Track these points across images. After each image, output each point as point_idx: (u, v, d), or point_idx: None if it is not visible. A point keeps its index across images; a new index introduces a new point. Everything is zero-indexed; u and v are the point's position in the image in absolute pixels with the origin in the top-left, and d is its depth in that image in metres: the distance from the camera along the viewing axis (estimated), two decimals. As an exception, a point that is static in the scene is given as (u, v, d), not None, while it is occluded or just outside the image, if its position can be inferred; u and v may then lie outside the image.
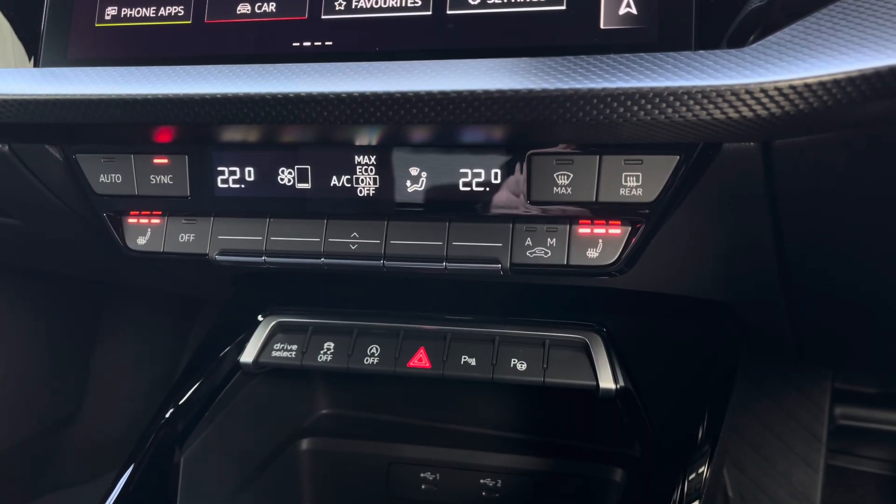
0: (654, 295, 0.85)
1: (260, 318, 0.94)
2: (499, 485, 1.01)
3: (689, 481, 0.75)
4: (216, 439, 0.92)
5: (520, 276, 0.73)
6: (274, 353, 0.92)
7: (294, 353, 0.92)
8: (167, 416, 0.88)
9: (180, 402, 0.89)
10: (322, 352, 0.91)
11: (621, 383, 0.83)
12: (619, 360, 0.84)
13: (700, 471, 0.76)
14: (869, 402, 1.72)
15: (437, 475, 1.03)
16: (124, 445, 0.92)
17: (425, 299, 0.93)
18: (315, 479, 1.06)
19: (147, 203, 0.78)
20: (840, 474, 1.69)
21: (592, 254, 0.68)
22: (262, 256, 0.76)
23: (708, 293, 0.84)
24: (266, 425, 1.03)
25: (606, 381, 0.83)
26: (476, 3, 0.66)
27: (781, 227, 0.69)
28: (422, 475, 1.03)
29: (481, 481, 1.02)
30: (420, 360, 0.88)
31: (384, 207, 0.72)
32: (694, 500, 0.74)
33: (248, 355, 0.93)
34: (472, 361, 0.87)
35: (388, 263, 0.73)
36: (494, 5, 0.65)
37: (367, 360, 0.89)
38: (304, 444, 1.06)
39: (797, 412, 1.68)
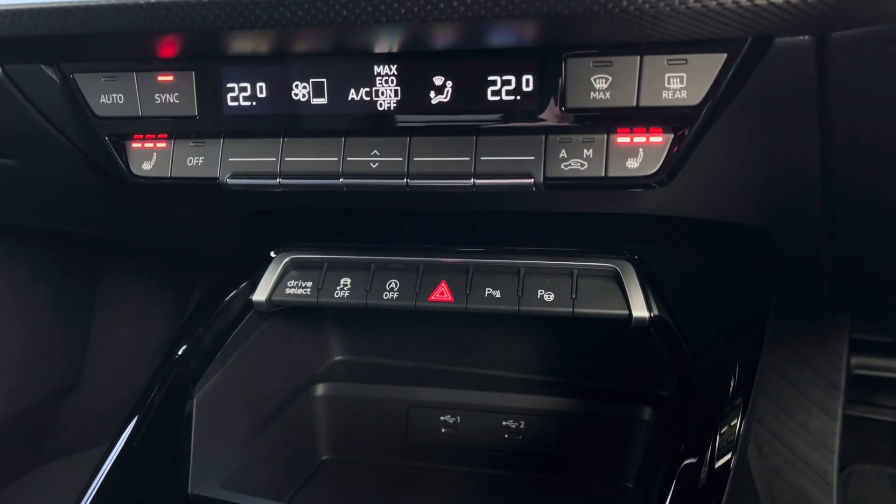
0: (687, 222, 0.81)
1: (272, 254, 0.90)
2: (522, 426, 0.98)
3: (720, 434, 0.71)
4: (229, 382, 0.89)
5: (553, 192, 0.69)
6: (288, 291, 0.88)
7: (309, 290, 0.88)
8: (179, 353, 0.84)
9: (192, 341, 0.85)
10: (338, 288, 0.87)
11: (655, 312, 0.79)
12: (653, 288, 0.80)
13: (733, 423, 0.72)
14: (886, 352, 1.69)
15: (458, 418, 1.00)
16: (126, 414, 0.88)
17: (444, 233, 0.89)
18: (331, 425, 1.03)
19: (152, 125, 0.73)
20: (857, 423, 1.67)
21: (632, 164, 0.64)
22: (276, 179, 0.71)
23: (746, 217, 0.80)
24: (280, 370, 0.99)
25: (640, 310, 0.79)
26: None
27: (829, 139, 0.65)
28: (441, 418, 1.00)
29: (503, 423, 0.98)
30: (442, 294, 0.84)
31: (406, 122, 0.68)
32: (726, 454, 0.70)
33: (260, 293, 0.89)
34: (497, 294, 0.83)
35: (411, 182, 0.69)
36: None
37: (385, 296, 0.85)
38: (320, 389, 1.03)
39: (815, 361, 1.65)
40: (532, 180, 0.66)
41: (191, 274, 1.94)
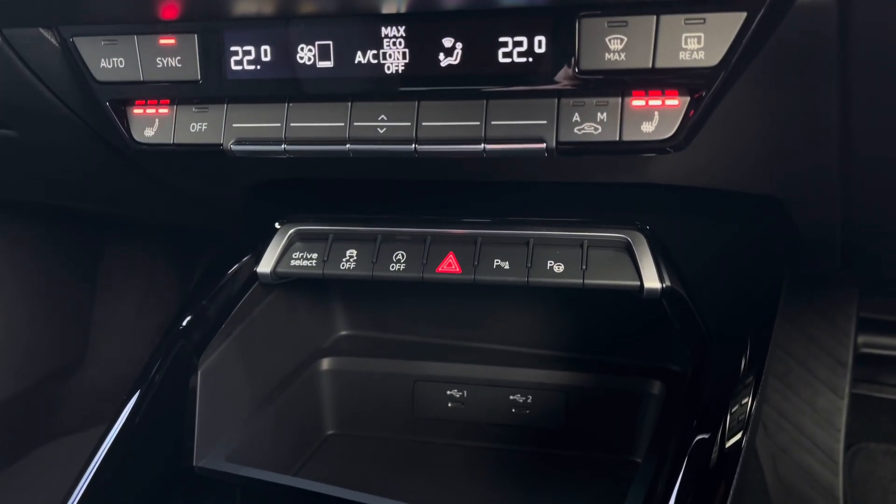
0: (700, 192, 0.80)
1: (277, 225, 0.89)
2: (529, 401, 0.97)
3: (731, 414, 0.70)
4: (234, 355, 0.88)
5: (565, 160, 0.67)
6: (293, 263, 0.87)
7: (314, 261, 0.86)
8: (183, 324, 0.83)
9: (197, 312, 0.84)
10: (344, 260, 0.85)
11: (667, 283, 0.77)
12: (665, 259, 0.79)
13: (744, 401, 0.71)
14: (894, 330, 1.68)
15: (465, 392, 0.99)
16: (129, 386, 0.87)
17: (452, 204, 0.88)
18: (336, 399, 1.02)
19: (154, 90, 0.71)
20: (863, 402, 1.66)
21: (648, 128, 0.62)
22: (281, 145, 0.70)
23: (761, 186, 0.78)
24: (285, 344, 0.98)
25: (651, 282, 0.78)
26: None
27: (850, 101, 0.63)
28: (448, 393, 0.99)
29: (511, 398, 0.97)
30: (449, 266, 0.83)
31: (415, 85, 0.66)
32: (737, 433, 0.69)
33: (265, 265, 0.87)
34: (506, 265, 0.81)
35: (420, 148, 0.67)
36: None
37: (392, 267, 0.84)
38: (325, 363, 1.02)
39: (822, 339, 1.64)
40: (544, 145, 0.64)
41: (195, 253, 1.92)
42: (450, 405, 0.99)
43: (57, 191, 1.24)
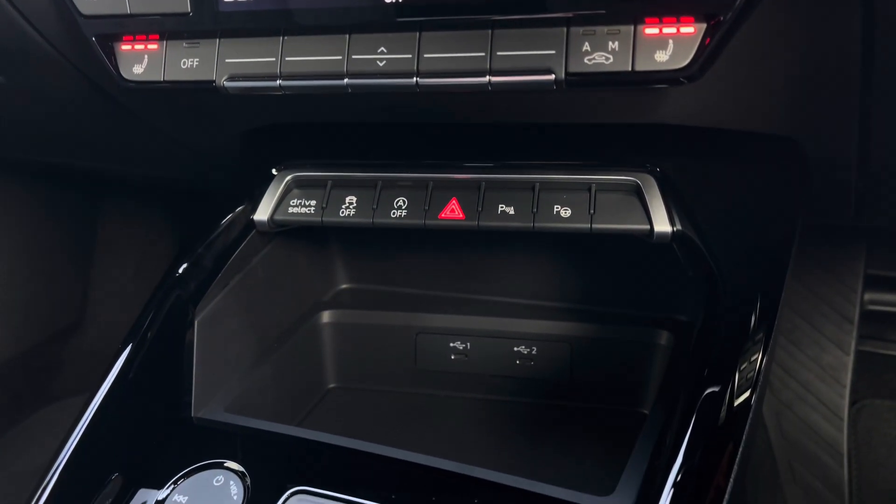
0: (714, 133, 0.77)
1: (274, 172, 0.86)
2: (534, 352, 0.95)
3: (740, 371, 0.68)
4: (232, 305, 0.85)
5: (572, 98, 0.64)
6: (291, 210, 0.84)
7: (313, 208, 0.83)
8: (179, 272, 0.81)
9: (192, 260, 0.81)
10: (344, 206, 0.83)
11: (678, 227, 0.75)
12: (676, 202, 0.76)
13: (753, 358, 0.69)
14: (901, 287, 1.66)
15: (468, 344, 0.97)
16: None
17: (455, 148, 0.85)
18: (338, 352, 1.00)
19: (141, 24, 0.68)
20: (869, 358, 1.65)
21: (661, 57, 0.59)
22: (276, 80, 0.66)
23: (777, 126, 0.75)
24: (284, 296, 0.96)
25: (662, 225, 0.75)
26: None
27: (872, 29, 0.60)
28: (451, 345, 0.97)
29: (515, 349, 0.95)
30: (452, 212, 0.80)
31: (416, 15, 0.62)
32: (746, 390, 0.67)
33: (262, 213, 0.85)
34: (510, 210, 0.79)
35: (421, 81, 0.64)
36: None
37: (393, 214, 0.81)
38: (325, 316, 0.99)
39: (828, 295, 1.62)
40: (552, 76, 0.61)
41: (191, 212, 1.90)
42: (453, 357, 0.97)
43: (48, 145, 1.20)
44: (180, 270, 0.81)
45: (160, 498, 0.69)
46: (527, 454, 0.87)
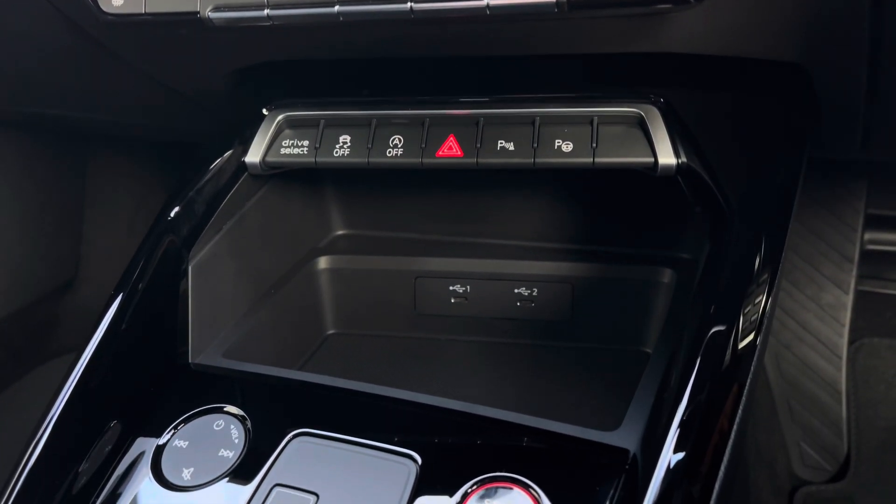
0: (719, 61, 0.74)
1: (265, 112, 0.83)
2: (535, 294, 0.93)
3: (745, 314, 0.66)
4: (226, 250, 0.83)
5: (573, 27, 0.61)
6: (283, 151, 0.82)
7: (306, 149, 0.81)
8: (171, 216, 0.78)
9: (184, 204, 0.79)
10: (338, 146, 0.80)
11: (683, 159, 0.73)
12: (681, 133, 0.73)
13: (758, 300, 0.67)
14: (900, 225, 1.65)
15: (467, 287, 0.95)
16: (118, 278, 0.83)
17: (452, 83, 0.82)
18: (336, 298, 0.98)
19: (119, -48, 0.64)
20: (867, 298, 1.65)
21: (668, -27, 0.56)
22: (264, 10, 0.63)
23: (784, 52, 0.72)
24: (279, 242, 0.94)
25: (666, 157, 0.73)
26: None
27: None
28: (451, 288, 0.95)
29: (515, 291, 0.94)
30: (450, 149, 0.78)
31: (409, -65, 0.59)
32: (749, 334, 0.65)
33: (253, 154, 0.82)
34: (510, 146, 0.76)
35: (416, 6, 0.61)
36: None
37: (389, 153, 0.79)
38: (322, 262, 0.98)
39: (828, 235, 1.61)
40: (554, -2, 0.58)
41: (183, 168, 1.86)
42: (452, 301, 0.96)
43: (27, 94, 1.17)
44: (172, 214, 0.78)
45: (160, 443, 0.68)
46: (529, 394, 0.87)
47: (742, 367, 0.64)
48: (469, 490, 0.59)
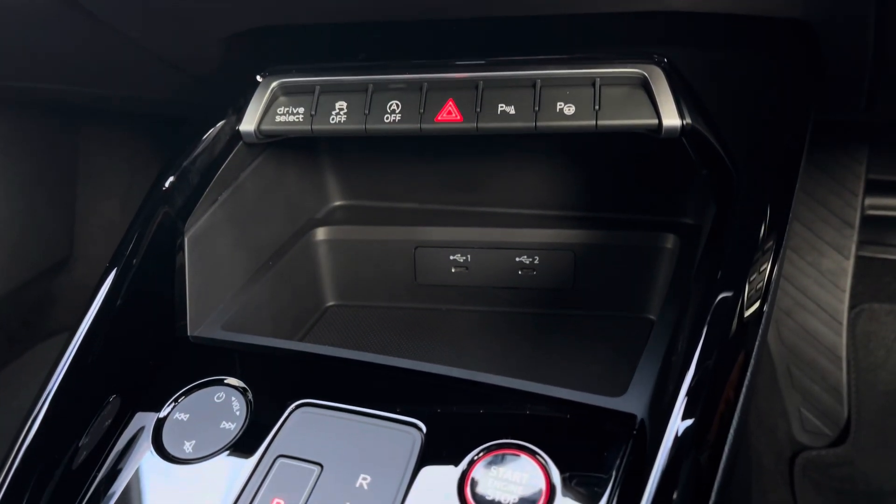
0: (724, 19, 0.72)
1: (259, 78, 0.81)
2: (536, 262, 0.92)
3: (750, 281, 0.65)
4: (222, 221, 0.82)
5: None
6: (278, 119, 0.80)
7: (301, 116, 0.79)
8: (166, 186, 0.77)
9: (179, 174, 0.77)
10: (334, 113, 0.78)
11: (688, 120, 0.71)
12: (685, 94, 0.72)
13: (763, 268, 0.65)
14: (901, 190, 1.64)
15: (468, 257, 0.94)
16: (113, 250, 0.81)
17: (450, 46, 0.80)
18: (335, 269, 0.97)
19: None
20: (867, 263, 1.64)
21: (675, -77, 0.54)
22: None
23: (790, 9, 0.70)
24: (275, 213, 0.92)
25: (670, 118, 0.71)
26: None
27: None
28: (451, 258, 0.94)
29: (517, 259, 0.93)
30: (449, 114, 0.76)
31: None
32: (756, 301, 0.64)
33: (248, 123, 0.80)
34: (511, 110, 0.74)
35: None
36: None
37: (387, 119, 0.77)
38: (320, 233, 0.96)
39: (829, 201, 1.60)
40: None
41: (176, 143, 1.83)
42: (453, 270, 0.95)
43: (18, 67, 1.14)
44: (166, 185, 0.76)
45: (161, 416, 0.67)
46: (532, 362, 0.86)
47: (749, 334, 0.63)
48: (475, 457, 0.59)
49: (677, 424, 0.57)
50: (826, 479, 1.40)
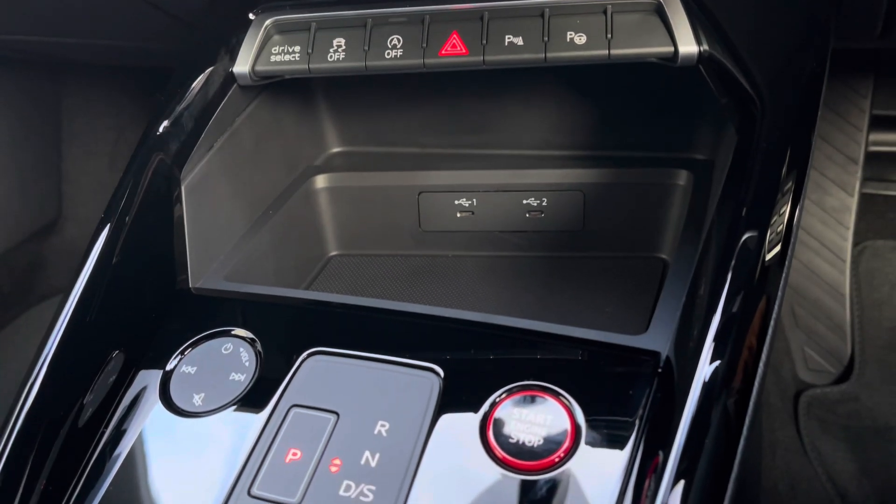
0: None
1: (251, 16, 0.77)
2: (544, 203, 0.89)
3: (773, 222, 0.62)
4: (219, 169, 0.78)
5: None
6: (273, 59, 0.76)
7: (298, 55, 0.75)
8: (160, 130, 0.73)
9: (172, 119, 0.73)
10: (332, 50, 0.74)
11: (705, 46, 0.68)
12: (702, 20, 0.68)
13: (783, 210, 0.62)
14: (904, 126, 1.61)
15: (474, 201, 0.91)
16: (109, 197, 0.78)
17: None
18: (336, 218, 0.94)
19: None
20: (870, 200, 1.63)
21: None
22: None
23: None
24: (273, 160, 0.89)
25: (687, 45, 0.68)
26: None
27: None
28: (456, 202, 0.91)
29: (524, 202, 0.90)
30: (454, 47, 0.72)
31: None
32: (776, 246, 0.61)
33: (242, 64, 0.76)
34: (519, 41, 0.71)
35: None
36: None
37: (388, 55, 0.73)
38: (320, 181, 0.93)
39: (832, 136, 1.57)
40: None
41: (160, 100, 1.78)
42: (458, 216, 0.92)
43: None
44: (160, 129, 0.73)
45: (168, 369, 0.65)
46: (544, 305, 0.84)
47: (773, 274, 0.61)
48: (497, 400, 0.57)
49: (705, 368, 0.54)
50: (831, 415, 1.40)
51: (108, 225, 0.69)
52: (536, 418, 0.55)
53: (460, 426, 0.56)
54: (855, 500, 1.29)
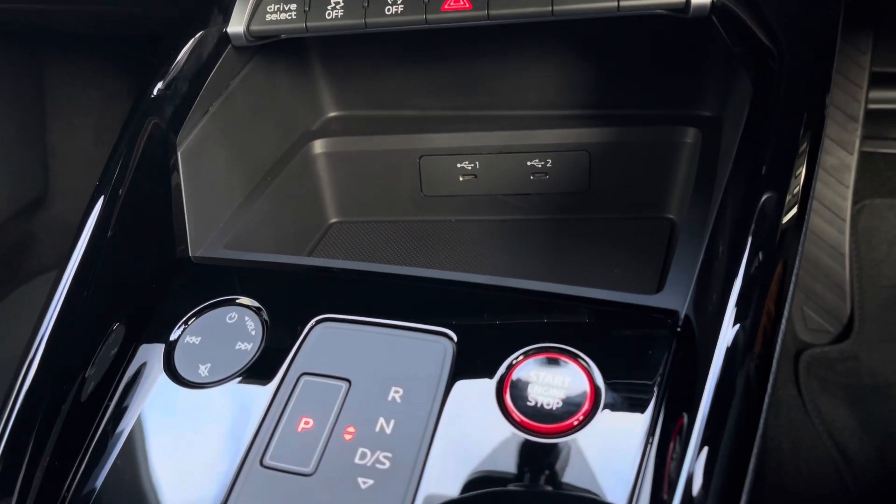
0: None
1: (243, -27, 0.74)
2: (549, 164, 0.88)
3: (792, 181, 0.59)
4: (215, 134, 0.76)
5: None
6: (269, 17, 0.73)
7: (294, 13, 0.72)
8: (154, 93, 0.70)
9: (167, 82, 0.71)
10: (329, 7, 0.72)
11: (718, -5, 0.65)
12: None
13: (798, 172, 0.60)
14: (904, 83, 1.60)
15: (476, 163, 0.89)
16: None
17: None
18: (336, 184, 0.92)
19: None
20: (869, 159, 1.62)
21: None
22: None
23: None
24: (269, 125, 0.86)
25: (699, -5, 0.65)
26: None
27: None
28: (458, 165, 0.89)
29: (528, 163, 0.88)
30: (457, 2, 0.70)
31: None
32: (793, 207, 0.59)
33: (236, 23, 0.73)
34: (524, -6, 0.68)
35: None
36: None
37: (388, 10, 0.70)
38: (318, 146, 0.90)
39: (832, 94, 1.55)
40: None
41: (149, 65, 1.74)
42: (461, 179, 0.90)
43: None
44: (155, 92, 0.70)
45: (172, 339, 0.63)
46: (552, 268, 0.82)
47: (792, 238, 0.59)
48: (513, 362, 0.55)
49: (728, 331, 0.53)
50: (831, 374, 1.41)
51: (104, 194, 0.67)
52: (554, 380, 0.54)
53: (476, 390, 0.55)
54: (855, 456, 1.30)
